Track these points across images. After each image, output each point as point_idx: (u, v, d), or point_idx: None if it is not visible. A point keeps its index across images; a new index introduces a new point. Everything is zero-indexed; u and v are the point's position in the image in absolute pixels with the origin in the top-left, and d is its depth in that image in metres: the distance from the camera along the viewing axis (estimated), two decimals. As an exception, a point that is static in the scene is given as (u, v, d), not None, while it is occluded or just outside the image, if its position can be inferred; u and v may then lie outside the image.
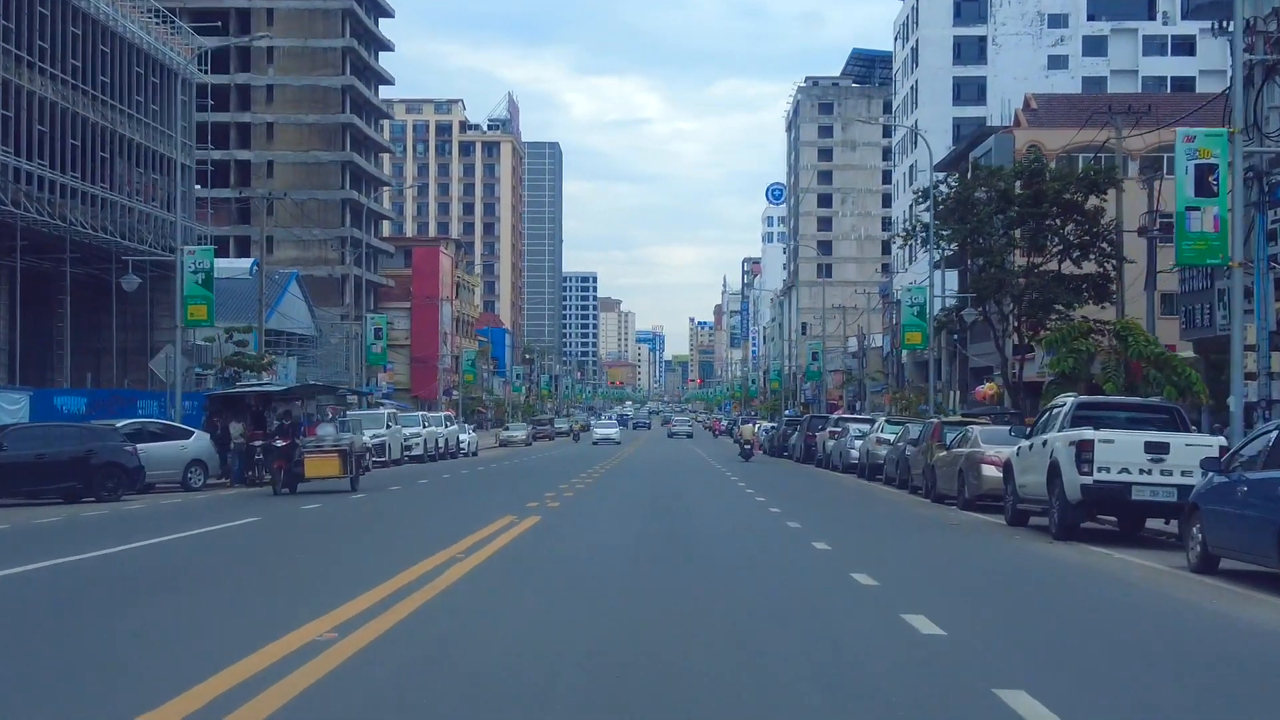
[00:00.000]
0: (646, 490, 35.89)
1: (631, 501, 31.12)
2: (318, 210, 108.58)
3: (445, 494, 35.35)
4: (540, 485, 37.26)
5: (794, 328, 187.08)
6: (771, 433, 73.52)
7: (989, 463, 27.26)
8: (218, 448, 37.03)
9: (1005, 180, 47.07)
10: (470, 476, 44.59)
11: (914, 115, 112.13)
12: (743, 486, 38.23)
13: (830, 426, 52.31)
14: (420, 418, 57.35)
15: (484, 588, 15.02)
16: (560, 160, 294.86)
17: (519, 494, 33.28)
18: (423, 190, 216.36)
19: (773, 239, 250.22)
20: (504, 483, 40.88)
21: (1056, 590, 16.17)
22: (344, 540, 22.00)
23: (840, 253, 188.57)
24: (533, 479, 42.28)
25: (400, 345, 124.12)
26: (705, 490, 36.97)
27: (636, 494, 34.37)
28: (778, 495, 34.13)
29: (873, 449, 41.87)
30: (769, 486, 38.38)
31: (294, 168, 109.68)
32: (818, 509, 29.82)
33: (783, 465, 57.13)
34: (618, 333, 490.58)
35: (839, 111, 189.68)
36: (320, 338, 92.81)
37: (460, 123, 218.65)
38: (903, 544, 21.70)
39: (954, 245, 48.14)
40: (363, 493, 33.71)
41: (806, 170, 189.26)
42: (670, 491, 35.41)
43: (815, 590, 15.35)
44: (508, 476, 44.99)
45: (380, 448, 46.03)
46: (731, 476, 44.83)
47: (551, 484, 37.73)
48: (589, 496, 33.30)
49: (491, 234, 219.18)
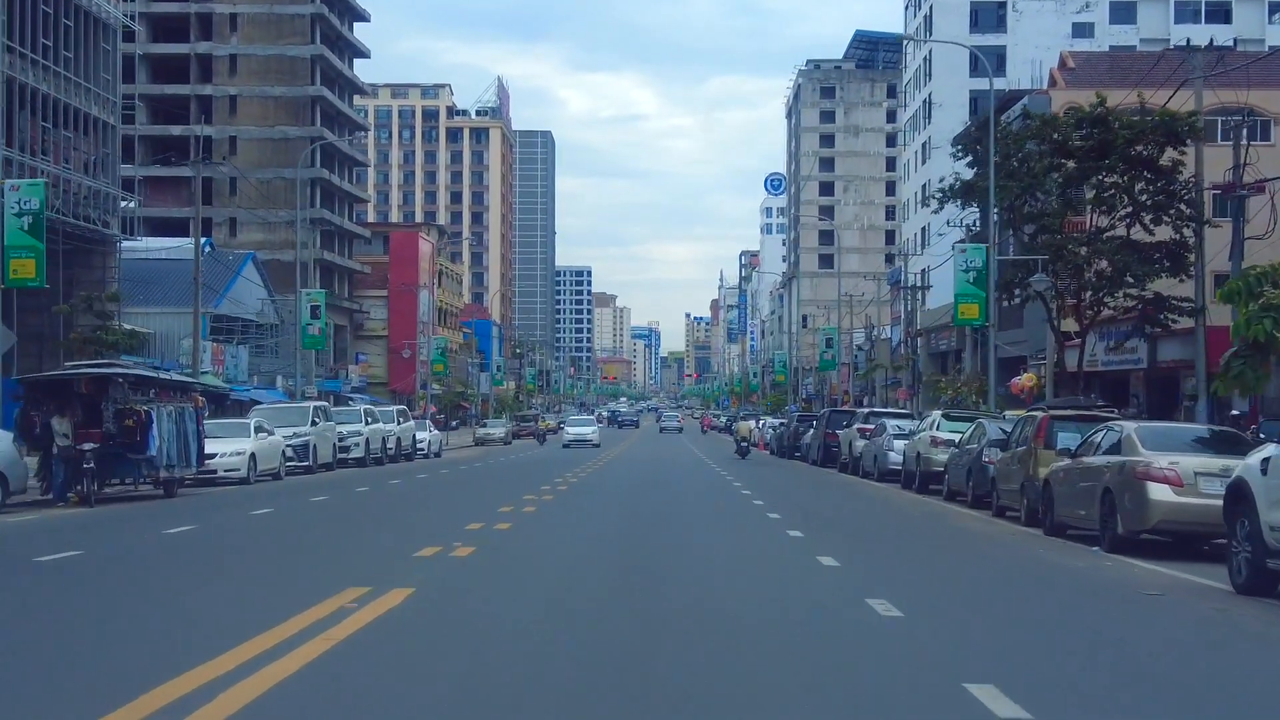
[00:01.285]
0: (619, 519, 24.70)
1: (590, 546, 19.89)
2: (285, 190, 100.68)
3: (288, 531, 23.25)
4: (465, 511, 25.50)
5: (794, 320, 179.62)
6: (779, 431, 65.00)
7: (1161, 480, 18.54)
8: (35, 450, 28.03)
9: (1063, 130, 39.22)
10: (374, 495, 32.45)
11: (926, 88, 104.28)
12: (760, 506, 28.12)
13: (858, 423, 42.72)
14: (362, 412, 48.20)
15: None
16: (553, 150, 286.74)
17: (417, 528, 22.27)
18: (409, 179, 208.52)
19: (771, 230, 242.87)
20: (415, 505, 29.64)
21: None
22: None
23: (843, 242, 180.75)
24: (465, 498, 31.42)
25: (377, 336, 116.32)
26: (707, 518, 25.46)
27: (602, 528, 23.03)
28: (815, 524, 24.09)
29: (926, 452, 32.53)
30: (799, 508, 28.16)
31: (259, 144, 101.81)
32: (889, 555, 19.46)
33: (796, 470, 48.50)
34: (613, 329, 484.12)
35: (841, 96, 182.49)
36: (281, 326, 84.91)
37: (448, 108, 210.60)
38: (1108, 654, 11.32)
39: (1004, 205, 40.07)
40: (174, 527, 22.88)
41: (808, 157, 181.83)
42: (654, 517, 25.28)
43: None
44: (435, 492, 34.29)
45: (303, 449, 37.69)
46: (737, 484, 36.84)
47: (484, 508, 26.04)
48: (525, 535, 21.53)
49: (480, 224, 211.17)
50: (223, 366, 67.16)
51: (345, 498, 31.21)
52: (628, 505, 28.51)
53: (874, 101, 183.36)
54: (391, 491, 33.95)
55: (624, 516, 25.32)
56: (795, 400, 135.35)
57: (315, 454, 39.46)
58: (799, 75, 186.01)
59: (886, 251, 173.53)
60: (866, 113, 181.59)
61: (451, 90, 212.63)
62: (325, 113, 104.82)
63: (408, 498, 32.12)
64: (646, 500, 30.30)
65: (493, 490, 33.45)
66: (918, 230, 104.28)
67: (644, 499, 30.73)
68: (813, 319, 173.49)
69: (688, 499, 31.03)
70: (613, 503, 29.37)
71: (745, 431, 62.71)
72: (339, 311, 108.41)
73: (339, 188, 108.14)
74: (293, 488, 34.13)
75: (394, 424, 50.74)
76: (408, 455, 52.62)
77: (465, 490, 34.78)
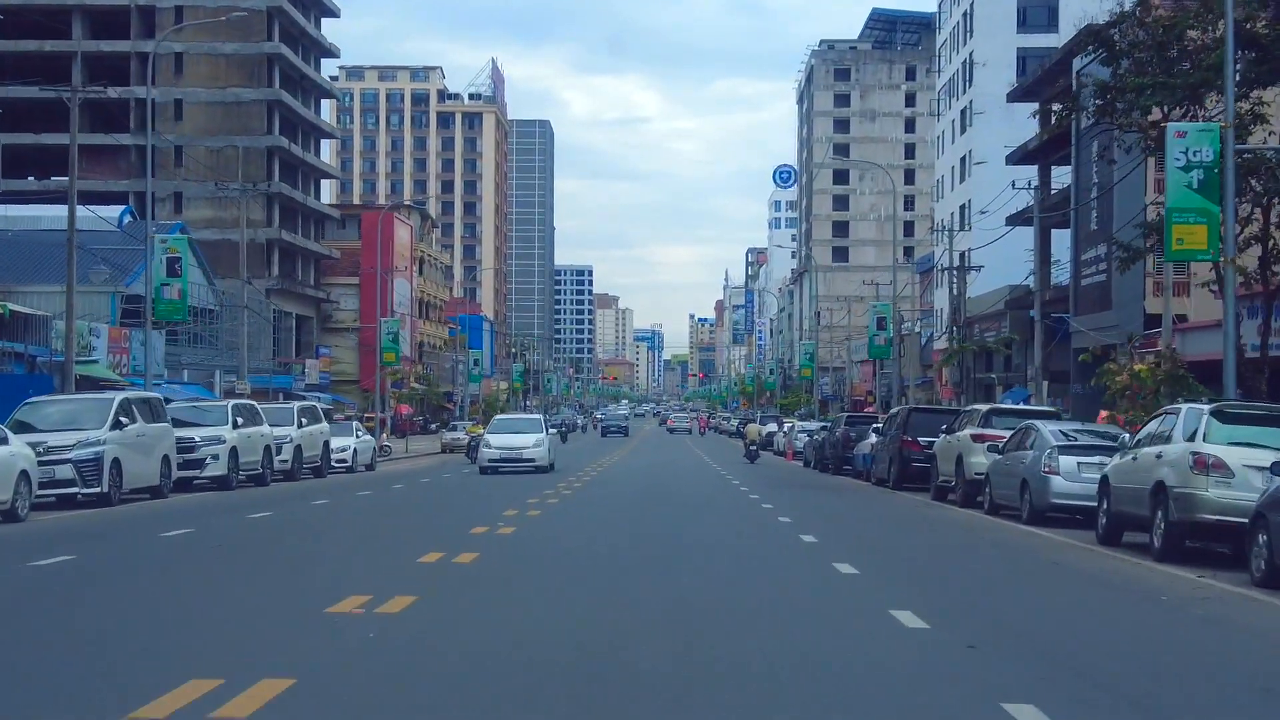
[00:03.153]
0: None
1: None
2: (237, 161, 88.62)
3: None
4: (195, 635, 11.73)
5: (806, 315, 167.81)
6: (817, 437, 51.49)
7: None
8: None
9: (1246, 3, 27.07)
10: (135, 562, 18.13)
11: (967, 48, 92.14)
12: (854, 578, 15.64)
13: (971, 426, 28.05)
14: (227, 409, 34.36)
15: None
16: (551, 141, 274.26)
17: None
18: (396, 166, 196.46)
19: (780, 225, 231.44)
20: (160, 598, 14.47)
21: None
22: None
23: (858, 234, 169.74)
24: (265, 580, 15.72)
25: (347, 329, 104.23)
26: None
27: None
28: (988, 637, 11.77)
29: (1189, 485, 17.37)
30: (939, 589, 15.17)
31: (208, 109, 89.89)
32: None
33: (862, 497, 33.73)
34: (615, 330, 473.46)
35: (857, 79, 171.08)
36: (221, 313, 72.88)
37: (439, 91, 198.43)
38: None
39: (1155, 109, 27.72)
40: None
41: (821, 143, 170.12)
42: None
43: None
44: (247, 559, 18.40)
45: (90, 464, 24.86)
46: (809, 538, 20.75)
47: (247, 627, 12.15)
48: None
49: (473, 214, 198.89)
50: (127, 355, 55.14)
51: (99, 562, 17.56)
52: (601, 601, 13.77)
53: (892, 84, 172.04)
54: (165, 554, 18.77)
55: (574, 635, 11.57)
56: (808, 401, 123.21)
57: (117, 471, 26.37)
58: (812, 56, 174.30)
59: (906, 244, 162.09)
60: (884, 96, 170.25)
61: (443, 73, 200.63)
62: (285, 74, 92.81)
63: (233, 557, 18.22)
64: (638, 590, 14.66)
65: (360, 552, 18.71)
66: (956, 208, 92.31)
67: (636, 580, 15.58)
68: (830, 315, 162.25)
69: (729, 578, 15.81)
70: (586, 582, 15.19)
71: (754, 435, 58.24)
72: (302, 300, 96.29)
73: (302, 160, 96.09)
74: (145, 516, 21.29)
75: (290, 427, 37.62)
76: (316, 469, 39.81)
77: (289, 556, 18.62)
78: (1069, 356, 57.74)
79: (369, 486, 35.68)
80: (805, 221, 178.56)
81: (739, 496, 32.21)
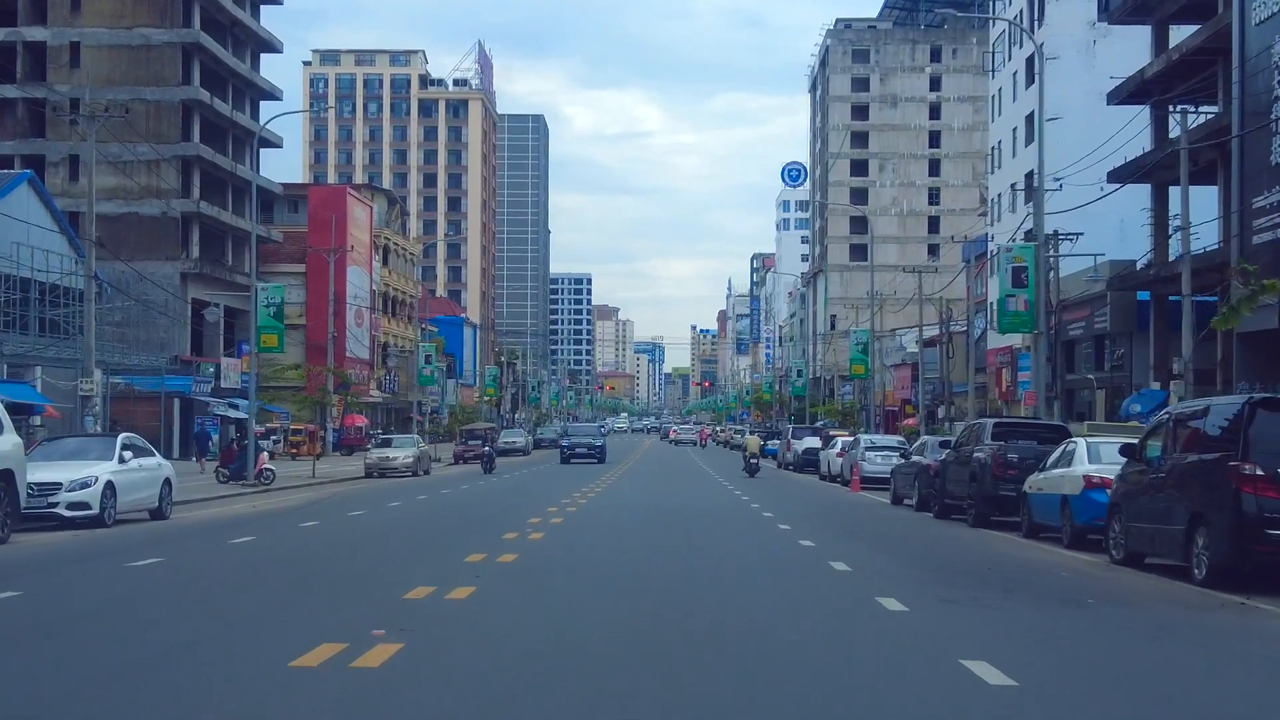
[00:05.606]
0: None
1: None
2: (147, 118, 73.26)
3: None
4: None
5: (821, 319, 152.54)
6: (918, 458, 32.59)
7: None
8: None
9: None
10: None
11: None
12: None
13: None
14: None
15: None
16: (546, 137, 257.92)
17: None
18: (375, 157, 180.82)
19: (789, 226, 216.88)
20: None
21: None
22: None
23: (879, 230, 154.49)
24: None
25: (293, 325, 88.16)
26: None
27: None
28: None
29: None
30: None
31: (111, 53, 74.43)
32: None
33: (986, 542, 23.23)
34: (615, 342, 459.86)
35: (877, 60, 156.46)
36: (104, 295, 57.15)
37: (420, 76, 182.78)
38: None
39: None
40: None
41: (837, 131, 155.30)
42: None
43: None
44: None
45: None
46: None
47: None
48: None
49: (458, 210, 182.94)
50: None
51: None
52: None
53: (915, 66, 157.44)
54: None
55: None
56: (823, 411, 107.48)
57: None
58: (827, 36, 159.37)
59: (930, 241, 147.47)
60: (906, 79, 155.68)
61: (425, 57, 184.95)
62: (209, 15, 77.16)
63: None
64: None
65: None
66: (1020, 178, 76.62)
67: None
68: (842, 320, 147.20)
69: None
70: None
71: (754, 447, 56.46)
72: (234, 289, 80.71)
73: (233, 122, 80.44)
74: None
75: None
76: (43, 518, 23.95)
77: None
78: (1217, 344, 42.21)
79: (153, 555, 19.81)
80: (820, 218, 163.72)
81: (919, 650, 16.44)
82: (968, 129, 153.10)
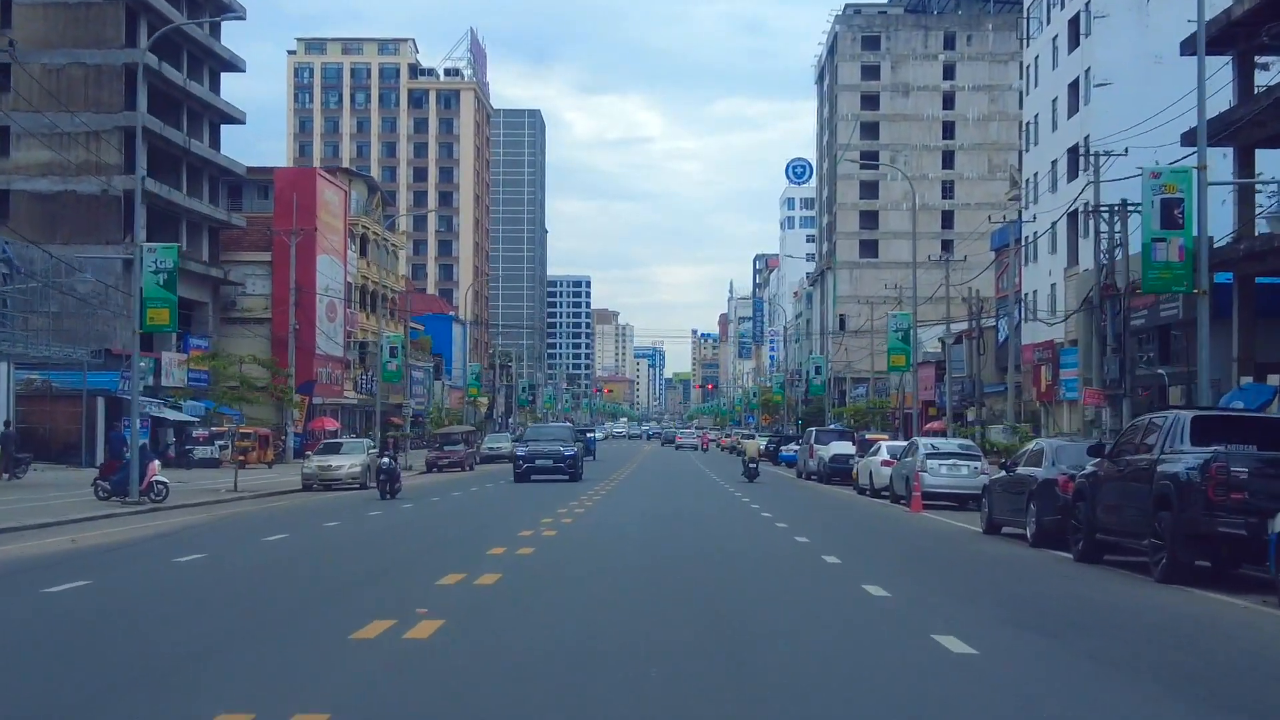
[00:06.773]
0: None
1: None
2: (86, 84, 65.72)
3: None
4: None
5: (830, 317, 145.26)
6: (1005, 478, 22.52)
7: None
8: None
9: None
10: None
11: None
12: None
13: None
14: None
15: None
16: (543, 132, 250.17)
17: None
18: (362, 150, 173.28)
19: (793, 224, 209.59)
20: None
21: None
22: None
23: (889, 226, 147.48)
24: None
25: (258, 319, 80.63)
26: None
27: None
28: None
29: None
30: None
31: (46, 11, 66.79)
32: None
33: (1220, 622, 13.91)
34: (615, 348, 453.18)
35: (888, 48, 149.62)
36: (13, 275, 49.57)
37: (410, 66, 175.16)
38: None
39: None
40: None
41: (846, 122, 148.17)
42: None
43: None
44: None
45: None
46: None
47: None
48: None
49: (449, 205, 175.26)
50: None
51: None
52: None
53: (928, 54, 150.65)
54: None
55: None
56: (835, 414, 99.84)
57: None
58: (835, 22, 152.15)
59: (943, 237, 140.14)
60: (919, 68, 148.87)
61: (415, 45, 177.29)
62: (157, -28, 69.58)
63: None
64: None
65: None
66: (1060, 155, 68.96)
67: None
68: (852, 318, 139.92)
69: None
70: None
71: (754, 451, 57.46)
72: (189, 278, 72.86)
73: (188, 94, 72.82)
74: None
75: None
76: None
77: None
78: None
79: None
80: (827, 214, 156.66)
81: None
82: (983, 119, 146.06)
